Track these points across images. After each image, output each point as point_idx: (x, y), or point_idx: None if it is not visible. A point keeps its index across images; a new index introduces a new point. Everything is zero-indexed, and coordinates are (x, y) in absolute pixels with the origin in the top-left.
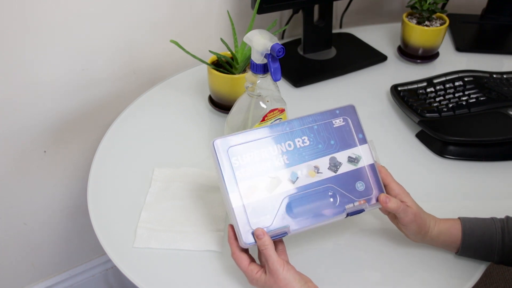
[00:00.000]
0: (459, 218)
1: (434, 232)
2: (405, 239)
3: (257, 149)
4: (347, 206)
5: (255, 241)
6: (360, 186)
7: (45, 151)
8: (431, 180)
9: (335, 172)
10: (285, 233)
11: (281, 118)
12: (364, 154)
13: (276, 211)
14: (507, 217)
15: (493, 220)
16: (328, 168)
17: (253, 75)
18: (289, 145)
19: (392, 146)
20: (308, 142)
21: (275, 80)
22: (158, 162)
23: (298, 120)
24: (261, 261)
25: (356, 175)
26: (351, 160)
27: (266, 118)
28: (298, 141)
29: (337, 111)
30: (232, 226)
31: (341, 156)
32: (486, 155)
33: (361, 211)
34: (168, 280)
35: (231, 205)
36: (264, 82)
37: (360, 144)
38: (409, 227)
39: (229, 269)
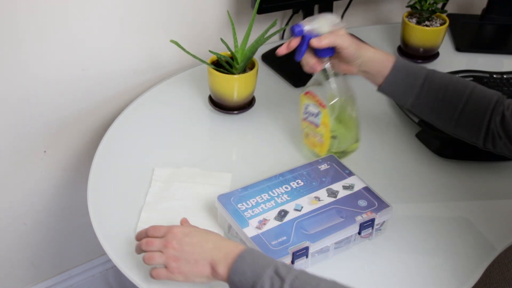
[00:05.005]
0: (394, 55)
1: (370, 53)
2: (404, 245)
3: (258, 195)
4: (356, 218)
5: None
6: (362, 203)
7: (45, 151)
8: (431, 180)
9: (335, 198)
10: (306, 248)
11: (319, 111)
12: (356, 182)
13: (292, 232)
14: (432, 71)
15: (422, 67)
16: (327, 196)
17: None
18: (286, 188)
19: (392, 146)
20: (302, 183)
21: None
22: (158, 162)
23: (288, 171)
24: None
25: (355, 196)
26: (346, 187)
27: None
28: (293, 184)
29: (320, 160)
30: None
31: (336, 186)
32: (486, 155)
33: (372, 221)
34: (168, 280)
35: (247, 236)
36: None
37: (349, 177)
38: (348, 43)
39: None
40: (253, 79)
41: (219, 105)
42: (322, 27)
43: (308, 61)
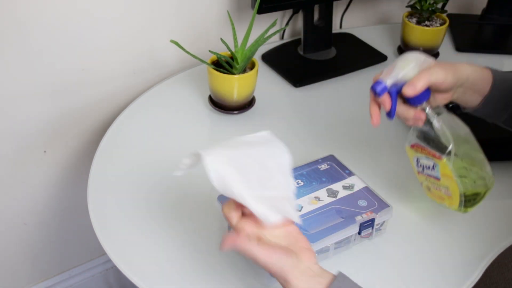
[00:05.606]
0: (487, 68)
1: (467, 71)
2: (404, 245)
3: None
4: (356, 218)
5: None
6: (362, 203)
7: (45, 151)
8: None
9: (335, 198)
10: None
11: (434, 163)
12: (356, 182)
13: None
14: None
15: None
16: (327, 196)
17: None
18: None
19: (392, 146)
20: (302, 183)
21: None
22: (158, 162)
23: None
24: None
25: (355, 196)
26: (346, 187)
27: (416, 149)
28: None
29: (320, 160)
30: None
31: (336, 186)
32: (486, 155)
33: (372, 221)
34: (169, 280)
35: None
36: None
37: (349, 177)
38: (443, 74)
39: (231, 269)
40: (253, 79)
41: (219, 105)
42: (408, 72)
43: (407, 115)
